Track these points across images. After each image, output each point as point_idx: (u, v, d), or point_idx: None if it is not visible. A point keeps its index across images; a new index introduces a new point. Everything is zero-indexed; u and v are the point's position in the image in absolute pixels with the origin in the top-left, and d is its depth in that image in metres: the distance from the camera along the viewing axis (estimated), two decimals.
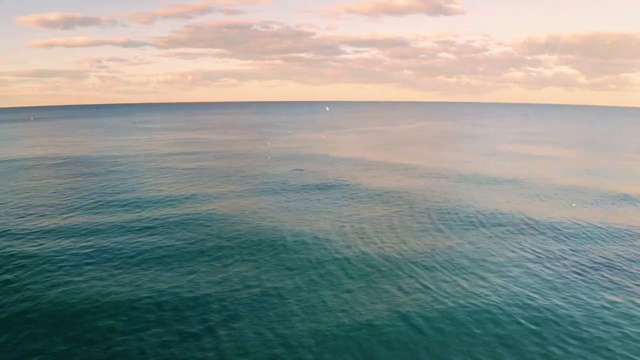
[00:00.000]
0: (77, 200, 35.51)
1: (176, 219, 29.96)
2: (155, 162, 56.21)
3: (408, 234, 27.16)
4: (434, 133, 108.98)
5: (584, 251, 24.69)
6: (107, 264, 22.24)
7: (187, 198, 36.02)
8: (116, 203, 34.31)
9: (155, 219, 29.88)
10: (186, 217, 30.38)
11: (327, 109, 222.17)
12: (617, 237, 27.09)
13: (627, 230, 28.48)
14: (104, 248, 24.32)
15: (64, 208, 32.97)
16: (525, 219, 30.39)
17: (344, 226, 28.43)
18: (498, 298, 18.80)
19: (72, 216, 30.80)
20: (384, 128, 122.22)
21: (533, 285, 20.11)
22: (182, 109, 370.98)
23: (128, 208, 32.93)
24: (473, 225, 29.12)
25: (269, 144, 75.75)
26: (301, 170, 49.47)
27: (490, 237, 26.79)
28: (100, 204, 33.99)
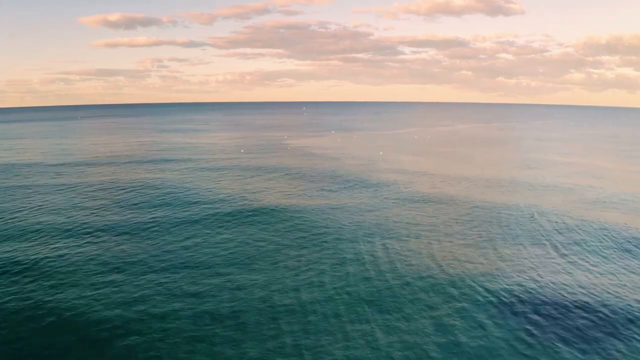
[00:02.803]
0: None
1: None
2: (137, 171, 50.56)
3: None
4: (485, 135, 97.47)
5: None
6: None
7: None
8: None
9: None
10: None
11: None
12: None
13: None
14: None
15: None
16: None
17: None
18: None
19: None
20: (417, 130, 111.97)
21: None
22: (233, 108, 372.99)
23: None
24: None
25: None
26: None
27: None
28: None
